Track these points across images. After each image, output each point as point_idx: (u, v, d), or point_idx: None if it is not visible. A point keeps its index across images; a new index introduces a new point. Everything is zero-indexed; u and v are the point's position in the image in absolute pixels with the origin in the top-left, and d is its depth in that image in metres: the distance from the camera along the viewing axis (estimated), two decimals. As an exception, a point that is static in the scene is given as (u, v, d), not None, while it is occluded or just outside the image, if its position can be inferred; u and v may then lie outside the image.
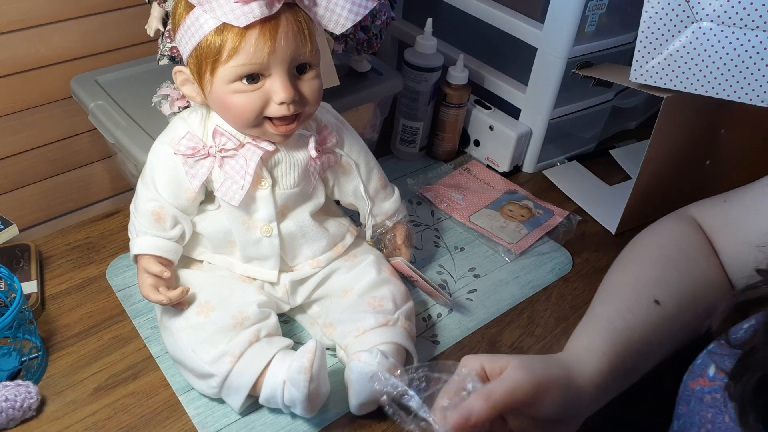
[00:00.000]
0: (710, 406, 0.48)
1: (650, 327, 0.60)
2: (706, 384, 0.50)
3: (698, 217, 0.69)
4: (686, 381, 0.53)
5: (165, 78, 0.79)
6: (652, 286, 0.63)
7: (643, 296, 0.62)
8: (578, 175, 1.01)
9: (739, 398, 0.43)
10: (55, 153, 0.93)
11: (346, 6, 0.59)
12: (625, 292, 0.63)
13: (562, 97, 0.93)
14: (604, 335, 0.59)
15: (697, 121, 0.82)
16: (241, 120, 0.60)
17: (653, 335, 0.60)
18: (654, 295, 0.62)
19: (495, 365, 0.52)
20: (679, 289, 0.63)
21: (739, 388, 0.43)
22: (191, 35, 0.57)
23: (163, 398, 0.64)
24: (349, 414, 0.63)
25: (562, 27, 0.86)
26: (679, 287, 0.63)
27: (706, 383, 0.50)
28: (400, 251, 0.76)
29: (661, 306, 0.61)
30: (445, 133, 0.99)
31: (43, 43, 0.85)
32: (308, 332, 0.72)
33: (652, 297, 0.61)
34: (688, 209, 0.70)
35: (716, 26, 0.69)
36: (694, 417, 0.50)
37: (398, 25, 1.07)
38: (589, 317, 0.62)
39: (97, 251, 0.80)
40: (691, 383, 0.52)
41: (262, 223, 0.66)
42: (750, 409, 0.42)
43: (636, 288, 0.63)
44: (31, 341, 0.65)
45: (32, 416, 0.61)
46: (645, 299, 0.61)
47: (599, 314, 0.62)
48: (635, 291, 0.63)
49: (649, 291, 0.62)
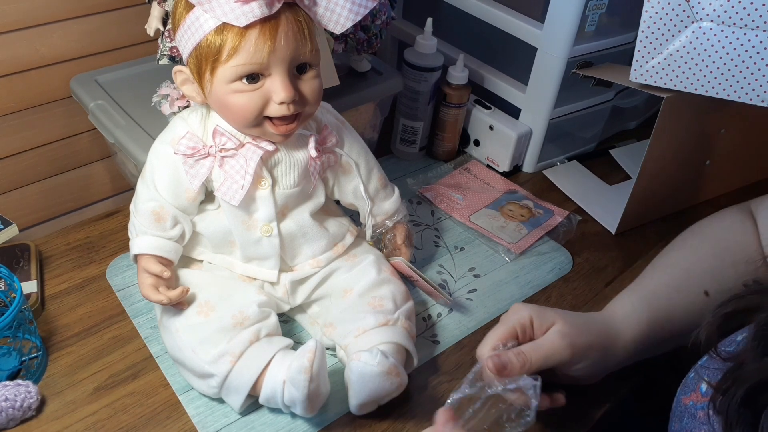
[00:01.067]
0: (703, 423, 0.47)
1: (693, 314, 0.63)
2: (698, 399, 0.49)
3: (754, 210, 0.70)
4: (679, 396, 0.53)
5: (165, 78, 0.79)
6: (706, 277, 0.65)
7: (694, 283, 0.64)
8: (578, 175, 1.01)
9: (725, 412, 0.43)
10: (55, 153, 0.93)
11: (346, 6, 0.59)
12: (678, 274, 0.66)
13: (562, 96, 0.93)
14: (647, 307, 0.63)
15: (697, 121, 0.82)
16: (241, 120, 0.60)
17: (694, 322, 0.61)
18: (705, 286, 0.64)
19: (542, 322, 0.59)
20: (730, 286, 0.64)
21: (725, 401, 0.43)
22: (191, 35, 0.57)
23: (163, 398, 0.64)
24: (349, 414, 0.63)
25: (562, 27, 0.86)
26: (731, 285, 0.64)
27: (698, 398, 0.49)
28: (400, 251, 0.76)
29: (710, 298, 0.63)
30: (445, 132, 0.99)
31: (43, 43, 0.85)
32: (308, 332, 0.72)
33: (703, 287, 0.64)
34: (751, 202, 0.72)
35: (716, 26, 0.69)
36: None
37: (398, 25, 1.07)
38: (637, 286, 0.66)
39: (97, 251, 0.80)
40: (684, 398, 0.51)
41: (262, 222, 0.66)
42: (735, 423, 0.42)
43: (690, 274, 0.66)
44: (31, 341, 0.65)
45: (32, 416, 0.61)
46: (696, 287, 0.64)
47: (647, 286, 0.66)
48: (688, 276, 0.65)
49: (702, 281, 0.64)
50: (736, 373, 0.44)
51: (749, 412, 0.41)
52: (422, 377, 0.68)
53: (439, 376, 0.68)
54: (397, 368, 0.60)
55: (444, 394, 0.66)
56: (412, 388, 0.66)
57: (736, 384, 0.43)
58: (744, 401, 0.42)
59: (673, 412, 0.53)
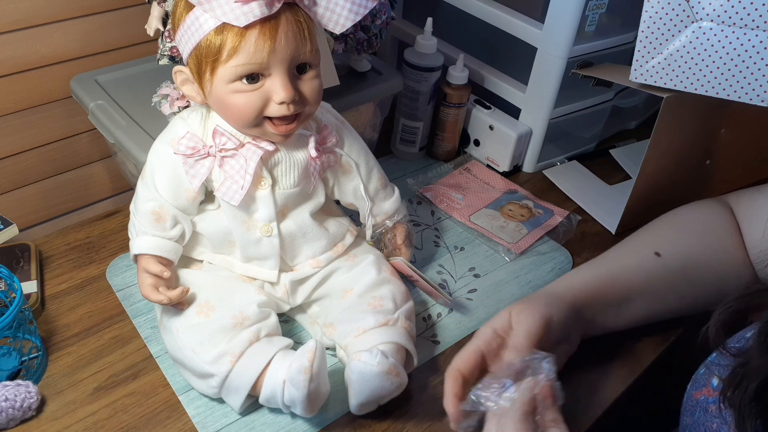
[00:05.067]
0: (715, 417, 0.48)
1: (647, 273, 0.65)
2: (710, 394, 0.50)
3: (732, 203, 0.71)
4: (690, 391, 0.53)
5: (165, 78, 0.79)
6: (657, 241, 0.67)
7: (643, 247, 0.67)
8: (578, 174, 1.01)
9: (737, 406, 0.44)
10: (55, 153, 0.93)
11: (346, 6, 0.59)
12: (627, 244, 0.69)
13: (562, 96, 0.93)
14: (595, 266, 0.66)
15: (697, 121, 0.82)
16: (241, 120, 0.60)
17: (649, 281, 0.65)
18: (655, 248, 0.66)
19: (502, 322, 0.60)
20: (686, 248, 0.67)
21: (737, 395, 0.44)
22: (191, 35, 0.57)
23: (163, 398, 0.64)
24: (349, 414, 0.63)
25: (562, 27, 0.86)
26: (687, 247, 0.67)
27: (710, 393, 0.50)
28: (400, 251, 0.76)
29: (662, 258, 0.65)
30: (445, 132, 0.99)
31: (43, 43, 0.85)
32: (308, 332, 0.72)
33: (653, 249, 0.66)
34: (726, 196, 0.74)
35: (716, 26, 0.69)
36: (699, 428, 0.50)
37: (398, 25, 1.07)
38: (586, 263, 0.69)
39: (97, 251, 0.80)
40: (695, 393, 0.52)
41: (262, 222, 0.66)
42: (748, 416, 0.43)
43: (638, 241, 0.69)
44: (31, 341, 0.65)
45: (32, 416, 0.61)
46: (645, 250, 0.67)
47: (595, 258, 0.69)
48: (636, 243, 0.68)
49: (651, 244, 0.67)
50: (746, 368, 0.45)
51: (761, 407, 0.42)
52: (422, 377, 0.68)
53: (439, 376, 0.68)
54: (397, 368, 0.60)
55: (444, 394, 0.67)
56: (412, 388, 0.66)
57: (747, 379, 0.44)
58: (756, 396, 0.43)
59: (684, 407, 0.53)
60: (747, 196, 0.71)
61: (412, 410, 0.65)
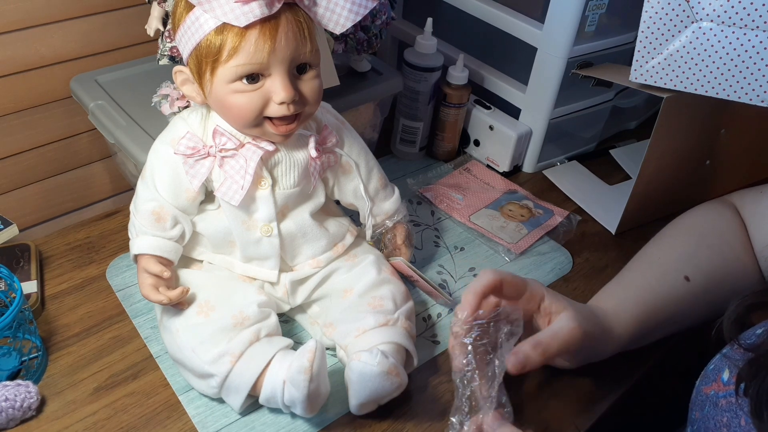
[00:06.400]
0: (725, 410, 0.49)
1: (677, 300, 0.65)
2: (720, 388, 0.50)
3: (738, 203, 0.71)
4: (699, 386, 0.54)
5: (165, 78, 0.79)
6: (684, 262, 0.67)
7: (673, 270, 0.67)
8: (578, 175, 1.01)
9: (755, 396, 0.44)
10: (55, 153, 0.93)
11: (346, 6, 0.59)
12: (657, 264, 0.68)
13: (562, 97, 0.93)
14: (634, 303, 0.65)
15: (697, 121, 0.82)
16: (241, 120, 0.60)
17: (678, 308, 0.66)
18: (684, 272, 0.66)
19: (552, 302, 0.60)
20: (709, 267, 0.67)
21: (754, 385, 0.45)
22: (191, 35, 0.57)
23: (163, 398, 0.64)
24: (349, 414, 0.63)
25: (562, 27, 0.86)
26: (709, 266, 0.67)
27: (720, 388, 0.50)
28: (400, 251, 0.76)
29: (690, 282, 0.66)
30: (445, 133, 0.99)
31: (43, 43, 0.85)
32: (308, 332, 0.72)
33: (683, 273, 0.66)
34: (731, 196, 0.74)
35: (716, 26, 0.69)
36: (709, 422, 0.50)
37: (398, 25, 1.07)
38: (621, 281, 0.69)
39: (97, 251, 0.80)
40: (705, 388, 0.52)
41: (262, 222, 0.66)
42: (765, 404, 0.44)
43: (669, 262, 0.68)
44: (31, 341, 0.65)
45: (32, 416, 0.61)
46: (675, 273, 0.66)
47: (631, 280, 0.68)
48: (667, 265, 0.68)
49: (681, 267, 0.67)
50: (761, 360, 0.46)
51: None
52: (422, 377, 0.68)
53: (439, 376, 0.68)
54: (397, 368, 0.60)
55: (444, 394, 0.67)
56: (412, 388, 0.66)
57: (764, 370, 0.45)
58: None
59: (693, 402, 0.54)
60: (751, 197, 0.71)
61: (412, 410, 0.65)
